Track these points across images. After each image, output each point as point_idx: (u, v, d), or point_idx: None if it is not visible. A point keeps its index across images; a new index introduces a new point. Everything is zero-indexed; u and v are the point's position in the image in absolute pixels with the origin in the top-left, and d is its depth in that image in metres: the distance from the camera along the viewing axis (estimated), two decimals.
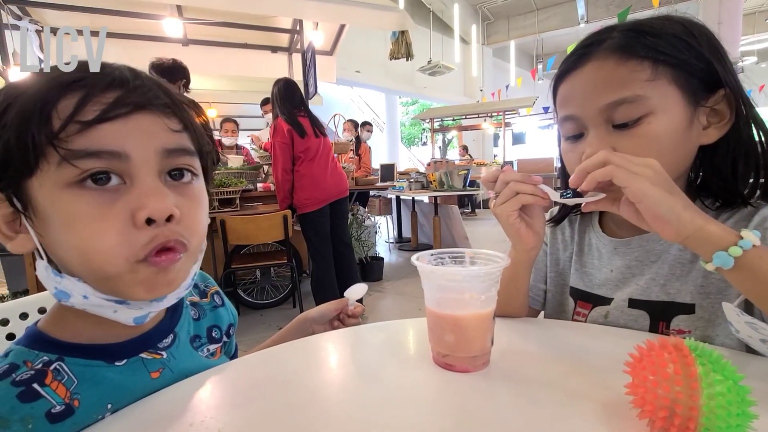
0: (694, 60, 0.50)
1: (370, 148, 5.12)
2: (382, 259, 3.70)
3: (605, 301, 0.61)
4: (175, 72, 2.23)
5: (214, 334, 0.54)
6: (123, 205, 0.35)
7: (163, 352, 0.45)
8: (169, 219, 0.36)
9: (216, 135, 4.17)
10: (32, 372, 0.37)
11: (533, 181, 0.51)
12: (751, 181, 0.53)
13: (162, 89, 0.39)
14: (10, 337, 0.65)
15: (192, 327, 0.52)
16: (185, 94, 2.32)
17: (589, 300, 0.64)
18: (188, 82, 2.32)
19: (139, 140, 0.36)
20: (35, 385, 0.36)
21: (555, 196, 0.51)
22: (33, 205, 0.35)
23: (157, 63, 2.21)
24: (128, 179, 0.35)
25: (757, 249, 0.40)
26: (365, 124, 5.27)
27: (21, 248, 0.37)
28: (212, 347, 0.53)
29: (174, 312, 0.49)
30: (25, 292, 2.21)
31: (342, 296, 0.67)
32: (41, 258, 0.38)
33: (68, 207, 0.34)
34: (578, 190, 0.47)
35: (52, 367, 0.38)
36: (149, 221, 0.35)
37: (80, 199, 0.34)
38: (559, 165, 0.67)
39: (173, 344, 0.47)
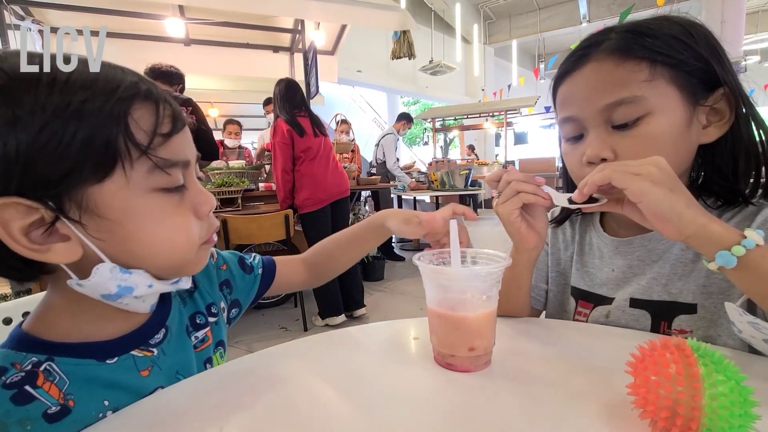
0: (692, 60, 0.50)
1: (359, 146, 4.90)
2: (384, 258, 3.70)
3: (606, 300, 0.61)
4: (172, 77, 2.31)
5: (198, 321, 0.53)
6: (187, 203, 0.41)
7: (154, 349, 0.45)
8: None
9: (218, 136, 4.17)
10: (23, 374, 0.36)
11: (536, 182, 0.51)
12: (752, 180, 0.53)
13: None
14: None
15: (183, 315, 0.51)
16: None
17: (590, 300, 0.64)
18: (184, 88, 2.41)
19: (190, 149, 0.42)
20: (27, 387, 0.36)
21: (559, 199, 0.51)
22: (94, 210, 0.35)
23: (156, 66, 2.27)
24: (184, 185, 0.41)
25: (761, 248, 0.39)
26: (407, 118, 4.90)
27: (61, 258, 0.35)
28: (200, 333, 0.52)
29: (163, 306, 0.48)
30: (28, 292, 2.21)
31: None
32: (103, 261, 0.37)
33: (155, 207, 0.38)
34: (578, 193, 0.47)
35: (42, 368, 0.37)
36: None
37: (163, 201, 0.39)
38: (560, 165, 0.67)
39: (165, 339, 0.46)
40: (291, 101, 2.41)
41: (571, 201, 0.49)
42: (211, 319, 0.55)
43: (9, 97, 0.31)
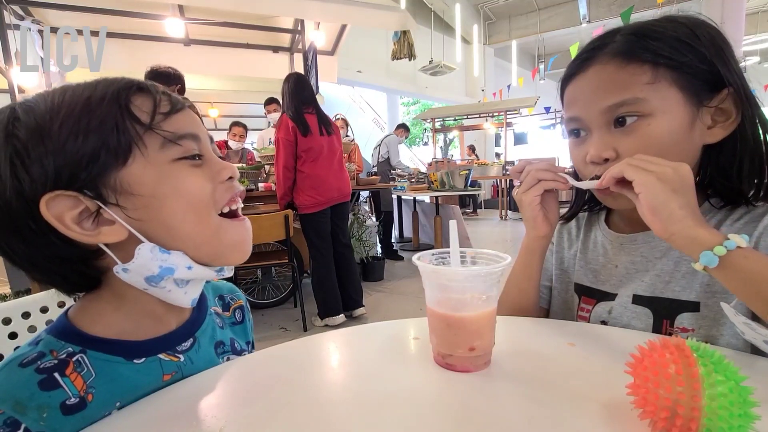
0: (696, 62, 0.50)
1: (358, 145, 4.90)
2: (384, 258, 3.70)
3: (609, 297, 0.61)
4: (170, 77, 2.31)
5: (236, 346, 0.56)
6: (206, 171, 0.44)
7: (181, 356, 0.46)
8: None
9: (223, 136, 4.17)
10: (55, 361, 0.39)
11: (554, 169, 0.58)
12: (755, 181, 0.53)
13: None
14: (12, 336, 0.65)
15: (217, 333, 0.53)
16: None
17: (593, 296, 0.64)
18: (183, 88, 2.39)
19: (198, 126, 0.45)
20: (56, 375, 0.38)
21: (582, 184, 0.55)
22: (128, 190, 0.39)
23: (155, 68, 2.29)
24: (200, 155, 0.44)
25: (743, 250, 0.41)
26: (404, 127, 5.14)
27: (110, 238, 0.39)
28: (233, 357, 0.55)
29: (197, 317, 0.50)
30: (27, 292, 2.21)
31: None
32: (143, 241, 0.40)
33: (179, 175, 0.41)
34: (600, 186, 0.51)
35: (74, 359, 0.40)
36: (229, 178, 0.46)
37: (186, 167, 0.42)
38: (560, 164, 0.67)
39: (192, 348, 0.48)
40: (299, 97, 2.38)
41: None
42: (246, 352, 0.58)
43: (41, 135, 0.37)
